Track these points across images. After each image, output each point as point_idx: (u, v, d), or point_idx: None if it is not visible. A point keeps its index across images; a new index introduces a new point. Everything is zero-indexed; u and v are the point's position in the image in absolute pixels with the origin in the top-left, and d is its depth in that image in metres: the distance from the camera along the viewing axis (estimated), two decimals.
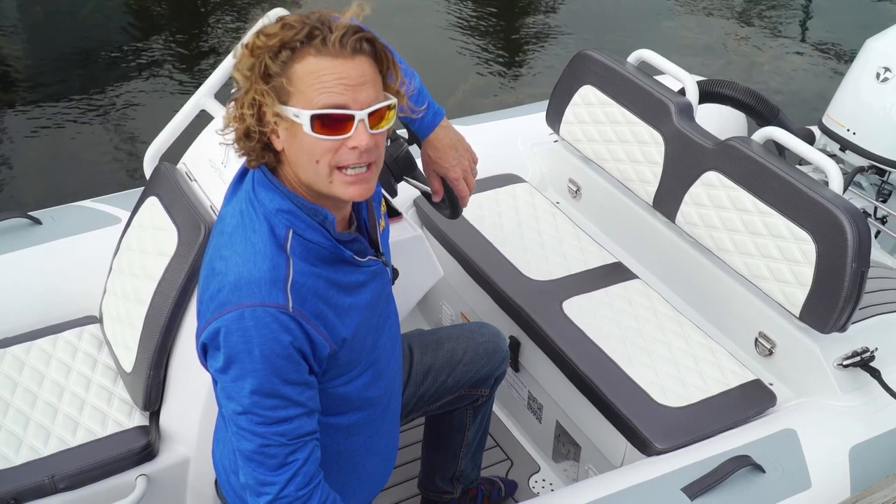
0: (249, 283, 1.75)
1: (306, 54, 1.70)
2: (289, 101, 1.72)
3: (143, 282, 2.53)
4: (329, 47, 1.70)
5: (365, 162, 1.76)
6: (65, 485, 2.38)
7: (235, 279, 1.77)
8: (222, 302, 1.77)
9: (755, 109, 3.48)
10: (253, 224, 1.81)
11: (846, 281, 2.50)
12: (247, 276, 1.76)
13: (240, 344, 1.74)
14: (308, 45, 1.70)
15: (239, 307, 1.74)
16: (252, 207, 1.83)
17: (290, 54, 1.71)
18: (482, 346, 2.54)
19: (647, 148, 3.05)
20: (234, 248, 1.81)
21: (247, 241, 1.80)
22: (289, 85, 1.71)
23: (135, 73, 5.92)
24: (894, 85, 3.59)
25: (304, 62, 1.71)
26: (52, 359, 2.70)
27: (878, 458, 2.54)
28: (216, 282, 1.81)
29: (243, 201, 1.86)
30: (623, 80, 3.16)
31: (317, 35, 1.70)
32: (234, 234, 1.83)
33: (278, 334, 1.74)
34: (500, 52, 6.45)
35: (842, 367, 2.63)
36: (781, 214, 2.64)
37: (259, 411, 1.76)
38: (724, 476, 2.33)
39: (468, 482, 2.80)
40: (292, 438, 1.79)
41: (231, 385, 1.77)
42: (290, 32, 1.70)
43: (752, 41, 6.81)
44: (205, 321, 1.81)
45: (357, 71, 1.72)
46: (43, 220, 3.03)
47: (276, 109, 1.72)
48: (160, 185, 2.64)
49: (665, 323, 2.85)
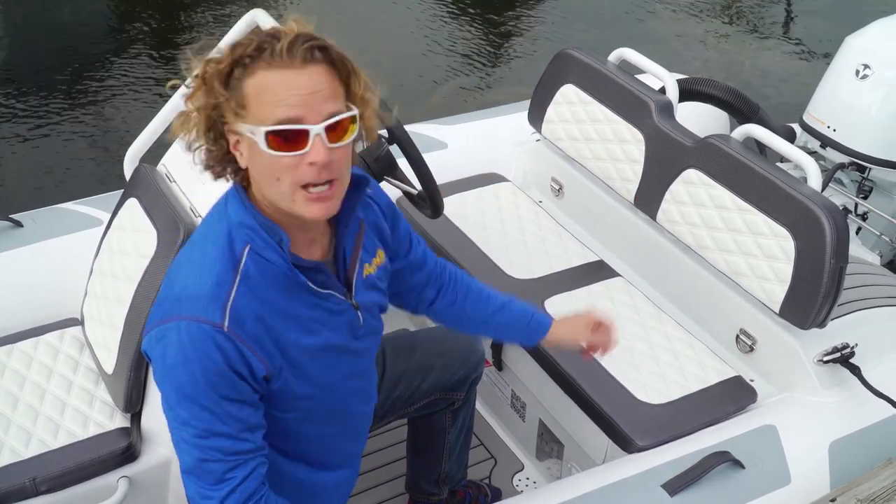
0: (190, 296, 1.73)
1: (257, 69, 1.65)
2: (245, 118, 1.67)
3: (123, 283, 2.53)
4: (278, 58, 1.64)
5: (325, 178, 1.69)
6: (46, 487, 2.37)
7: (180, 290, 1.75)
8: (166, 310, 1.75)
9: (735, 107, 3.50)
10: (214, 235, 1.79)
11: (825, 277, 2.51)
12: (190, 289, 1.74)
13: (177, 356, 1.71)
14: (258, 59, 1.65)
15: (178, 318, 1.72)
16: (218, 219, 1.81)
17: (242, 71, 1.66)
18: (456, 350, 2.51)
19: (628, 146, 3.06)
20: (189, 257, 1.80)
21: (203, 252, 1.78)
22: (242, 102, 1.66)
23: (114, 74, 5.90)
24: (873, 82, 3.61)
25: (255, 77, 1.65)
26: (34, 361, 2.69)
27: (857, 453, 2.55)
28: (166, 287, 1.80)
29: (215, 212, 1.84)
30: (604, 79, 3.17)
31: (266, 48, 1.65)
32: (195, 243, 1.82)
33: (211, 352, 1.71)
34: (481, 52, 6.45)
35: (822, 362, 2.65)
36: (761, 211, 2.65)
37: (196, 423, 1.74)
38: (703, 472, 2.34)
39: (454, 483, 2.79)
40: (229, 454, 1.76)
41: (170, 395, 1.75)
42: (238, 50, 1.66)
43: (732, 39, 6.83)
44: (150, 324, 1.79)
45: (310, 81, 1.65)
46: (24, 223, 3.02)
47: (234, 127, 1.68)
48: (140, 186, 2.64)
49: (646, 320, 2.86)
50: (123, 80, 5.85)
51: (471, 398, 2.63)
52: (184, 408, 1.73)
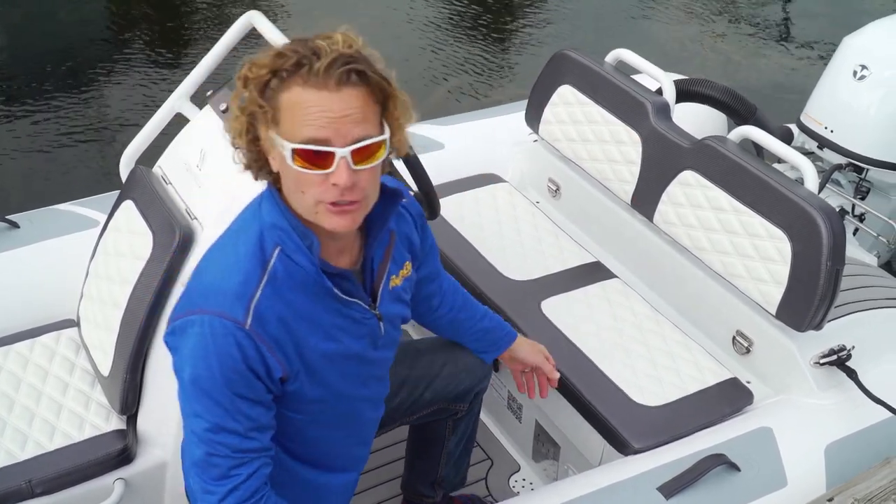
0: (216, 291, 1.76)
1: (293, 84, 1.67)
2: (277, 130, 1.70)
3: (118, 285, 2.53)
4: (314, 78, 1.66)
5: (347, 199, 1.71)
6: (42, 489, 2.38)
7: (207, 284, 1.78)
8: (191, 303, 1.78)
9: (732, 108, 3.49)
10: (246, 234, 1.81)
11: (821, 279, 2.51)
12: (216, 284, 1.77)
13: (197, 348, 1.74)
14: (295, 75, 1.67)
15: (201, 312, 1.75)
16: (252, 218, 1.83)
17: (279, 83, 1.68)
18: (462, 359, 2.49)
19: (625, 147, 3.05)
20: (219, 253, 1.83)
21: (233, 249, 1.81)
22: (276, 114, 1.69)
23: (111, 76, 5.89)
24: (871, 83, 3.61)
25: (290, 92, 1.68)
26: (30, 363, 2.69)
27: (853, 455, 2.55)
28: (194, 280, 1.82)
29: (249, 211, 1.86)
30: (600, 80, 3.16)
31: (304, 64, 1.66)
32: (227, 240, 1.84)
33: (231, 349, 1.73)
34: (479, 52, 6.45)
35: (818, 365, 2.65)
36: (757, 213, 2.65)
37: (208, 417, 1.76)
38: (699, 475, 2.34)
39: (450, 488, 2.78)
40: (236, 451, 1.79)
41: (186, 386, 1.78)
42: (279, 61, 1.68)
43: (729, 39, 6.83)
44: (174, 315, 1.81)
45: (342, 104, 1.67)
46: (20, 224, 3.02)
47: (268, 135, 1.71)
48: (136, 188, 2.64)
49: (643, 322, 2.86)
50: (120, 81, 5.84)
51: (474, 409, 2.60)
52: (198, 400, 1.76)
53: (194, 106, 2.76)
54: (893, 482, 2.37)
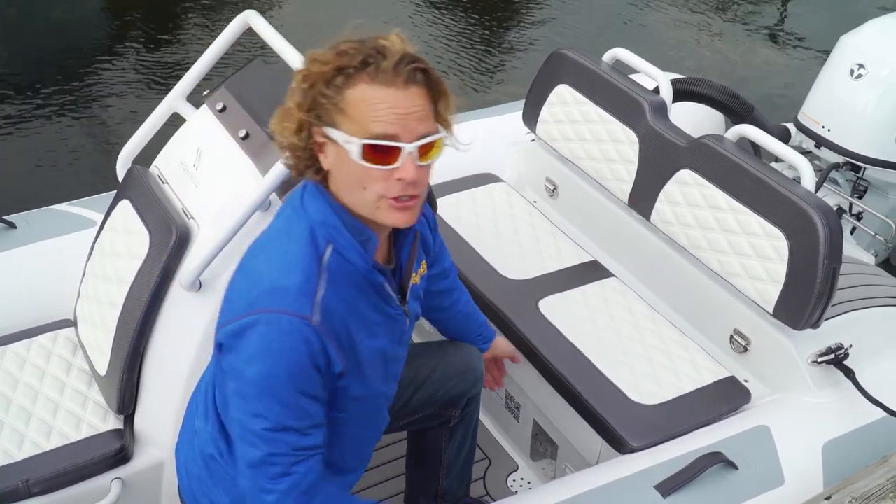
0: (279, 290, 1.76)
1: (360, 81, 1.70)
2: (340, 126, 1.72)
3: (115, 285, 2.53)
4: (382, 75, 1.70)
5: (411, 193, 1.75)
6: (39, 489, 2.38)
7: (269, 284, 1.77)
8: (252, 302, 1.76)
9: (729, 107, 3.50)
10: (295, 233, 1.81)
11: (818, 278, 2.51)
12: (280, 283, 1.76)
13: (262, 348, 1.74)
14: (362, 72, 1.70)
15: (268, 311, 1.74)
16: (298, 217, 1.82)
17: (345, 80, 1.71)
18: (453, 364, 2.47)
19: (622, 146, 3.05)
20: (269, 252, 1.82)
21: (284, 249, 1.81)
22: (341, 110, 1.72)
23: (107, 76, 5.88)
24: (868, 81, 3.61)
25: (357, 89, 1.71)
26: (27, 363, 2.69)
27: (851, 453, 2.55)
28: (247, 280, 1.81)
29: (289, 207, 1.86)
30: (598, 79, 3.16)
31: (371, 62, 1.70)
32: (273, 239, 1.84)
33: (298, 345, 1.74)
34: (475, 52, 6.45)
35: (815, 363, 2.65)
36: (754, 212, 2.65)
37: (270, 416, 1.76)
38: (696, 473, 2.34)
39: (454, 499, 2.75)
40: (296, 449, 1.79)
41: (247, 386, 1.77)
42: (344, 59, 1.71)
43: (726, 38, 6.82)
44: (231, 316, 1.79)
45: (409, 101, 1.71)
46: (17, 224, 3.02)
47: (326, 132, 1.74)
48: (132, 188, 2.64)
49: (640, 321, 2.86)
50: (116, 81, 5.83)
51: (469, 415, 2.57)
52: (260, 400, 1.76)
53: (191, 105, 2.76)
54: (891, 480, 2.36)
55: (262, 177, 2.39)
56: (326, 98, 1.72)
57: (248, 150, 2.49)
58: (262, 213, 2.40)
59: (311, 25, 6.47)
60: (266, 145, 2.46)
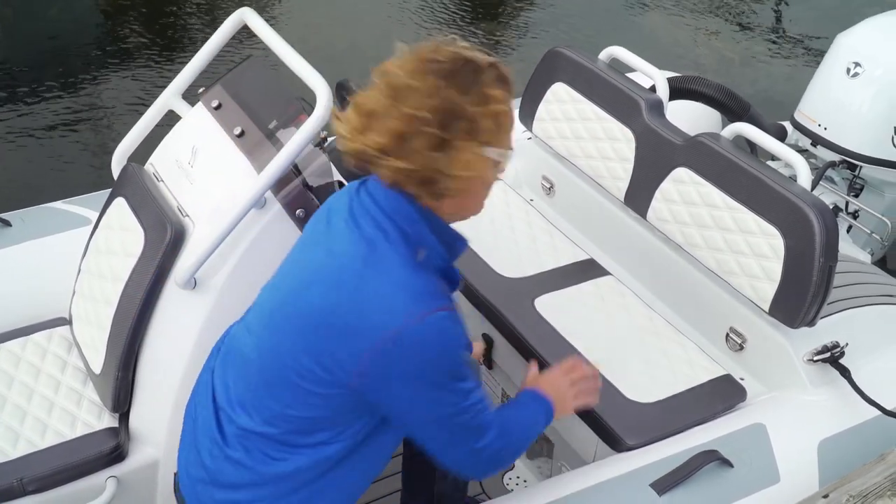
0: (424, 293, 1.78)
1: (500, 98, 1.75)
2: (491, 143, 1.76)
3: (110, 283, 2.52)
4: (507, 87, 1.77)
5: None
6: (34, 487, 2.37)
7: (412, 291, 1.77)
8: (406, 310, 1.76)
9: (726, 105, 3.50)
10: (401, 242, 1.81)
11: (814, 276, 2.51)
12: (420, 288, 1.78)
13: (440, 344, 1.78)
14: (495, 87, 1.75)
15: (428, 313, 1.76)
16: (396, 226, 1.81)
17: (486, 97, 1.74)
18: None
19: (619, 145, 3.05)
20: (387, 264, 1.79)
21: (401, 258, 1.80)
22: (490, 126, 1.75)
23: (102, 73, 5.88)
24: (864, 80, 3.62)
25: (499, 104, 1.75)
26: (22, 361, 2.68)
27: (846, 452, 2.55)
28: (382, 296, 1.78)
29: (381, 219, 1.82)
30: (594, 78, 3.16)
31: (504, 80, 1.77)
32: (384, 250, 1.80)
33: (459, 331, 1.82)
34: None
35: (811, 361, 2.65)
36: (750, 210, 2.65)
37: (466, 390, 1.85)
38: (691, 471, 2.34)
39: (452, 502, 2.77)
40: (482, 401, 1.91)
41: (440, 378, 1.81)
42: (481, 76, 1.74)
43: (723, 37, 6.83)
44: (397, 324, 1.76)
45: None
46: (12, 222, 3.01)
47: (477, 151, 1.75)
48: (127, 185, 2.63)
49: (636, 319, 2.86)
50: (111, 78, 5.83)
51: None
52: (457, 382, 1.83)
53: (186, 103, 2.75)
54: (888, 478, 2.36)
55: (257, 174, 2.38)
56: (471, 116, 1.73)
57: (243, 148, 2.49)
58: (258, 210, 2.39)
59: (307, 23, 6.47)
60: (261, 143, 2.46)
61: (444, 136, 1.72)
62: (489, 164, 1.79)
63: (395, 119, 1.73)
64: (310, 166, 2.47)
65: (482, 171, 1.79)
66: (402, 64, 1.77)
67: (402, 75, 1.75)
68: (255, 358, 1.94)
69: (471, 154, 1.75)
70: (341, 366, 1.80)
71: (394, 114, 1.73)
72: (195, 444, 2.04)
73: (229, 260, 2.40)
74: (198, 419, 2.05)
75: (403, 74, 1.75)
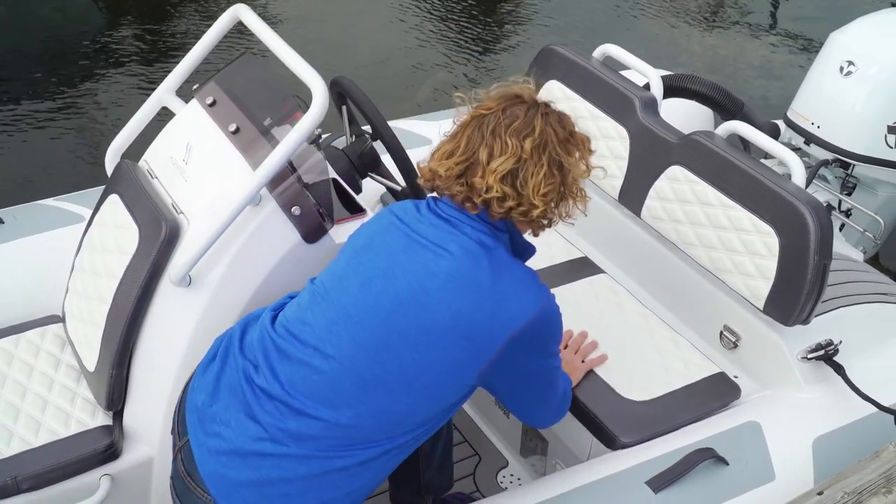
0: (537, 282, 2.09)
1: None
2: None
3: (104, 280, 2.51)
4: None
5: None
6: (28, 485, 2.36)
7: (533, 283, 2.08)
8: (535, 299, 2.05)
9: (720, 103, 3.50)
10: (499, 245, 2.09)
11: (809, 274, 2.51)
12: (534, 279, 2.09)
13: (556, 328, 2.14)
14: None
15: (547, 301, 2.08)
16: (492, 234, 2.09)
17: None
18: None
19: (613, 142, 3.05)
20: (507, 264, 2.07)
21: (513, 261, 2.10)
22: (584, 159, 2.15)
23: (95, 70, 5.86)
24: (857, 79, 3.62)
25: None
26: (15, 359, 2.67)
27: (841, 449, 2.56)
28: (515, 290, 2.04)
29: (480, 227, 2.08)
30: (588, 75, 3.16)
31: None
32: (498, 253, 2.07)
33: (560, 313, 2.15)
34: (466, 48, 6.44)
35: (805, 359, 2.65)
36: (744, 208, 2.65)
37: (559, 360, 2.27)
38: (687, 469, 2.34)
39: (439, 492, 2.76)
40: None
41: (553, 346, 2.18)
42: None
43: (716, 35, 6.84)
44: (518, 317, 2.02)
45: None
46: (4, 219, 3.00)
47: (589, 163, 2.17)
48: (121, 182, 2.62)
49: (630, 317, 2.86)
50: (104, 75, 5.81)
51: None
52: (556, 353, 2.22)
53: (180, 100, 2.74)
54: (882, 475, 2.37)
55: (252, 171, 2.38)
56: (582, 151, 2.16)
57: (238, 145, 2.48)
58: (253, 207, 2.39)
59: (302, 19, 6.45)
60: (256, 140, 2.45)
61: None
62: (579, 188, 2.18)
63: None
64: (305, 163, 2.46)
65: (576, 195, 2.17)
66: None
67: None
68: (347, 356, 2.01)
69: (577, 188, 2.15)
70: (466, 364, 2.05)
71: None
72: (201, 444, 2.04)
73: (224, 257, 2.39)
74: (230, 422, 2.04)
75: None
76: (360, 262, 2.08)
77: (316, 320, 2.04)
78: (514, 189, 2.03)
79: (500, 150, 2.02)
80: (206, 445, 2.04)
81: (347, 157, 2.72)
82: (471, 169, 2.04)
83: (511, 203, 2.03)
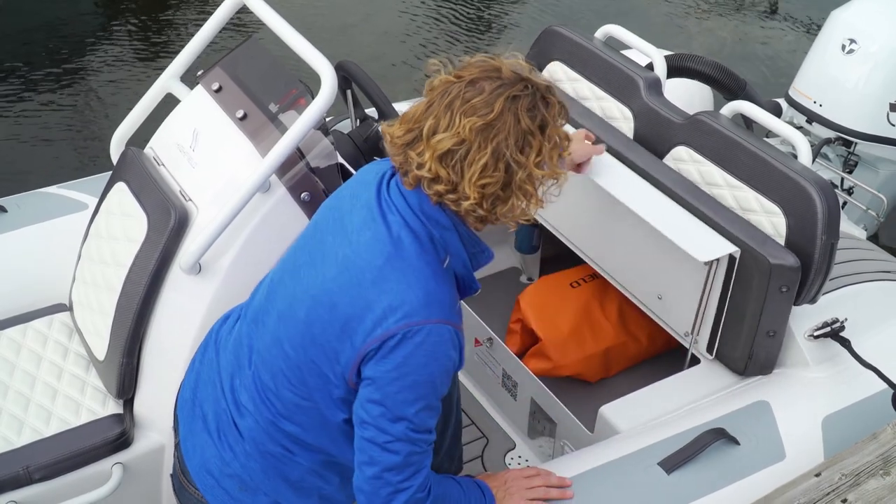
0: (437, 302, 1.82)
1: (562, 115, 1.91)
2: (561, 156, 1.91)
3: (113, 269, 2.50)
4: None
5: None
6: (40, 475, 2.37)
7: (424, 296, 1.81)
8: (407, 313, 1.80)
9: (722, 83, 3.48)
10: (429, 246, 1.86)
11: (816, 253, 2.51)
12: (435, 296, 1.82)
13: (420, 357, 1.80)
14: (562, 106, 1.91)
15: (426, 322, 1.80)
16: (426, 229, 1.85)
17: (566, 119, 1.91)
18: None
19: (617, 123, 3.04)
20: (410, 264, 1.83)
21: (426, 262, 1.84)
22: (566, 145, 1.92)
23: (99, 56, 5.83)
24: (859, 56, 3.62)
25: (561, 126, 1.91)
26: (23, 348, 2.67)
27: (850, 427, 2.56)
28: (396, 291, 1.81)
29: (411, 219, 1.85)
30: (591, 56, 3.14)
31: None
32: (411, 251, 1.84)
33: (451, 352, 1.84)
34: (467, 29, 6.41)
35: (812, 338, 2.66)
36: (751, 188, 2.64)
37: (416, 420, 1.83)
38: (699, 449, 2.34)
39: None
40: (429, 445, 1.88)
41: (396, 393, 1.81)
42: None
43: (717, 14, 6.81)
44: (382, 330, 1.80)
45: None
46: (8, 208, 2.98)
47: (555, 169, 1.90)
48: (128, 170, 2.61)
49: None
50: (109, 61, 5.78)
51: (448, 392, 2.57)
52: (411, 404, 1.82)
53: (185, 86, 2.73)
54: (880, 457, 2.37)
55: (260, 157, 2.37)
56: (561, 138, 1.91)
57: (246, 131, 2.47)
58: (262, 194, 2.38)
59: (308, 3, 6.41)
60: (264, 126, 2.44)
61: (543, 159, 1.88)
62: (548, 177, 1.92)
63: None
64: (314, 149, 2.46)
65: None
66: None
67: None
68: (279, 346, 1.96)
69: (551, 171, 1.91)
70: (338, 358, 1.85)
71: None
72: (202, 444, 2.04)
73: (234, 244, 2.39)
74: (208, 415, 2.05)
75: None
76: (304, 245, 2.03)
77: (268, 315, 2.02)
78: (449, 172, 1.78)
79: (446, 126, 1.78)
80: (191, 440, 2.05)
81: (353, 140, 2.71)
82: (417, 140, 1.82)
83: (441, 187, 1.79)
